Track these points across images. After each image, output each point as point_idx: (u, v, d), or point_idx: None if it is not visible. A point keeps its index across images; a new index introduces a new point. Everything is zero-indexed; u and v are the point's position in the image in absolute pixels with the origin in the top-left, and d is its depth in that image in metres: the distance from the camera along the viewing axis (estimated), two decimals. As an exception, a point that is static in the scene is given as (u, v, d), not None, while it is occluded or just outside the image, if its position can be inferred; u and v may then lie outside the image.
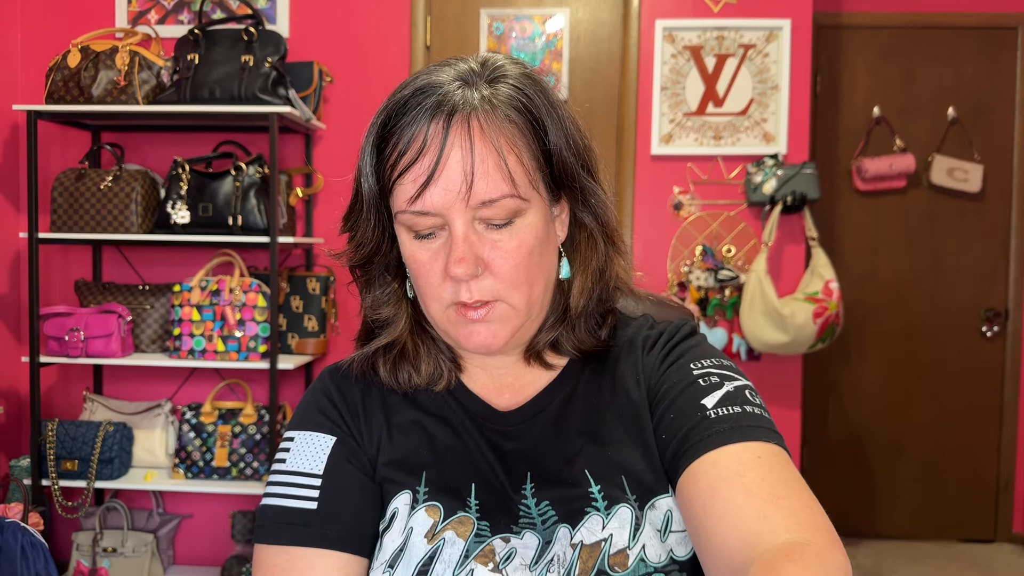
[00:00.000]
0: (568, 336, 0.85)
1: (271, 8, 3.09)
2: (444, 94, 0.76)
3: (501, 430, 0.84)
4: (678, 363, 0.82)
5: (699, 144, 3.12)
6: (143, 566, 2.88)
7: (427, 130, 0.75)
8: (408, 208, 0.76)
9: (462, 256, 0.75)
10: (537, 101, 0.78)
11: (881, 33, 3.56)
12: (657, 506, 0.78)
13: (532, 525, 0.78)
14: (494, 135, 0.75)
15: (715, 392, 0.77)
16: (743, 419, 0.74)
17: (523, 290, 0.79)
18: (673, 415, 0.77)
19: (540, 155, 0.78)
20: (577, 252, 0.85)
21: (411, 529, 0.78)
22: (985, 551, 3.57)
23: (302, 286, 2.94)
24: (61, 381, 3.20)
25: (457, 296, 0.78)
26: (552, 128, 0.78)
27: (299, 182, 3.07)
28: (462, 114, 0.75)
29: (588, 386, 0.85)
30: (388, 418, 0.85)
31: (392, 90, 0.81)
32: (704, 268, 3.09)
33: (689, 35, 3.11)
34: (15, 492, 2.86)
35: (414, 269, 0.80)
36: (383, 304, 0.86)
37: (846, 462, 3.65)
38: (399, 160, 0.76)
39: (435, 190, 0.75)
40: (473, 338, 0.79)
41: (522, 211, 0.77)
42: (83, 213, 2.78)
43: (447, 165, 0.74)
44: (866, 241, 3.62)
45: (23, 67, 3.16)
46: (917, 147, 3.55)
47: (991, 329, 3.60)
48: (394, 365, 0.85)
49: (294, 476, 0.81)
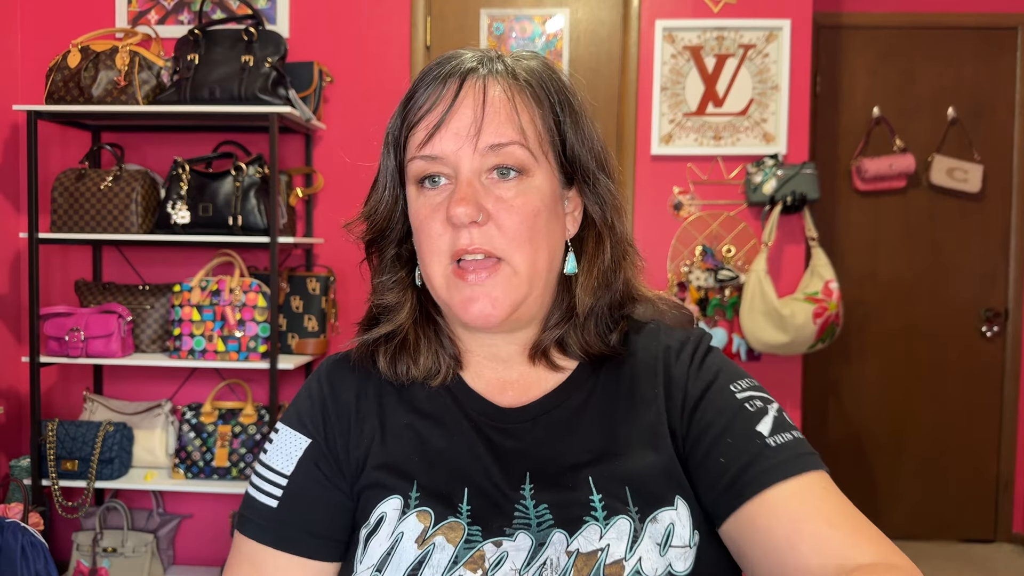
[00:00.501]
0: (575, 336, 0.85)
1: (271, 8, 3.09)
2: (462, 61, 0.81)
3: (501, 427, 0.83)
4: (716, 384, 0.82)
5: (699, 144, 3.12)
6: (143, 566, 2.88)
7: (443, 86, 0.79)
8: (418, 153, 0.79)
9: (463, 196, 0.77)
10: (555, 82, 0.82)
11: (881, 33, 3.56)
12: (659, 519, 0.77)
13: (527, 526, 0.77)
14: (507, 91, 0.79)
15: (765, 418, 0.79)
16: (798, 447, 0.77)
17: (526, 252, 0.79)
18: (730, 440, 0.78)
19: (551, 127, 0.81)
20: (585, 250, 0.86)
21: (401, 534, 0.78)
22: (985, 551, 3.57)
23: (302, 286, 2.94)
24: (61, 381, 3.20)
25: (456, 243, 0.78)
26: (566, 109, 0.82)
27: (299, 182, 3.07)
28: (478, 74, 0.79)
29: (602, 394, 0.84)
30: (382, 420, 0.84)
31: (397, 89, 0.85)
32: (704, 268, 3.09)
33: (689, 35, 3.11)
34: (15, 492, 2.86)
35: (418, 226, 0.81)
36: (388, 289, 0.86)
37: (846, 462, 3.65)
38: (415, 114, 0.80)
39: (445, 134, 0.78)
40: (471, 307, 0.79)
41: (530, 169, 0.79)
42: (83, 213, 2.78)
43: (458, 111, 0.78)
44: (866, 241, 3.62)
45: (23, 67, 3.16)
46: (917, 147, 3.55)
47: (991, 329, 3.60)
48: (394, 356, 0.85)
49: (267, 471, 0.84)
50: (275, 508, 0.82)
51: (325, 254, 3.13)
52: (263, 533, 0.81)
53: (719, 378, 0.83)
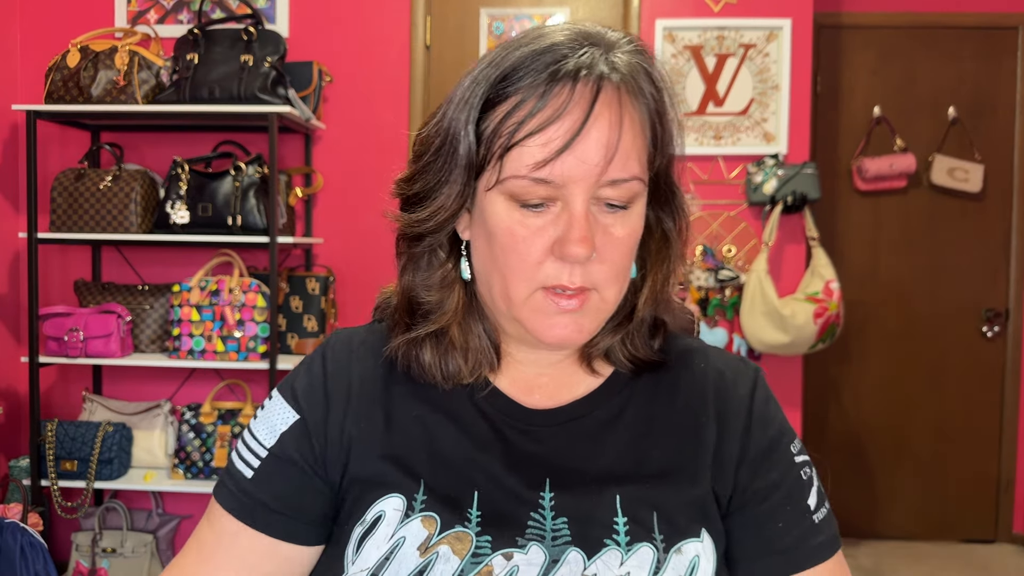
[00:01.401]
0: (625, 342, 0.80)
1: (271, 8, 3.09)
2: (584, 57, 0.69)
3: (524, 429, 0.77)
4: (783, 444, 0.79)
5: (699, 144, 3.12)
6: (142, 566, 2.88)
7: (571, 91, 0.67)
8: (529, 174, 0.68)
9: (584, 236, 0.68)
10: (662, 83, 0.73)
11: (881, 33, 3.56)
12: (684, 551, 0.72)
13: (540, 538, 0.72)
14: (635, 111, 0.70)
15: (812, 489, 0.79)
16: (831, 524, 0.79)
17: (619, 284, 0.73)
18: (790, 508, 0.77)
19: (652, 146, 0.73)
20: (649, 255, 0.80)
21: (403, 539, 0.72)
22: (985, 551, 3.56)
23: (301, 286, 2.94)
24: (60, 381, 3.20)
25: (558, 279, 0.70)
26: (665, 118, 0.73)
27: (299, 182, 3.07)
28: (610, 82, 0.69)
29: (639, 405, 0.79)
30: (388, 409, 0.78)
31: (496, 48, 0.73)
32: (704, 268, 3.09)
33: (689, 35, 3.10)
34: (14, 492, 2.86)
35: (506, 243, 0.71)
36: (433, 287, 0.78)
37: (846, 462, 3.64)
38: (528, 119, 0.68)
39: (568, 159, 0.67)
40: (555, 330, 0.72)
41: (639, 197, 0.72)
42: (82, 213, 2.77)
43: (589, 134, 0.67)
44: (866, 241, 3.61)
45: (22, 67, 3.16)
46: (917, 147, 3.55)
47: (991, 329, 3.60)
48: (444, 355, 0.78)
49: (251, 439, 0.79)
50: (249, 479, 0.77)
51: (325, 254, 3.13)
52: (233, 502, 0.77)
53: (784, 436, 0.80)
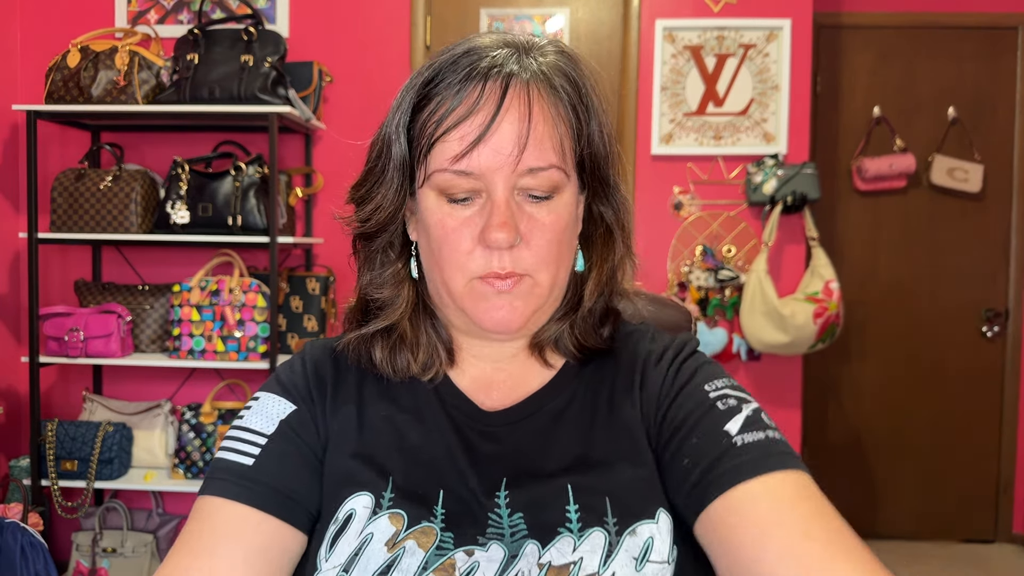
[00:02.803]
0: (571, 333, 0.83)
1: (271, 8, 3.09)
2: (497, 58, 0.74)
3: (482, 430, 0.80)
4: (691, 384, 0.79)
5: (699, 144, 3.12)
6: (143, 566, 2.88)
7: (482, 88, 0.73)
8: (450, 167, 0.74)
9: (504, 221, 0.73)
10: (582, 80, 0.78)
11: (881, 33, 3.56)
12: (638, 532, 0.73)
13: (500, 536, 0.74)
14: (549, 105, 0.74)
15: (736, 416, 0.74)
16: (770, 446, 0.72)
17: (552, 269, 0.77)
18: (696, 439, 0.74)
19: (582, 136, 0.77)
20: (593, 247, 0.84)
21: (371, 535, 0.74)
22: (985, 552, 3.56)
23: (302, 286, 2.94)
24: (61, 381, 3.20)
25: (488, 267, 0.75)
26: (592, 110, 0.78)
27: (299, 182, 3.07)
28: (520, 80, 0.74)
29: (584, 397, 0.82)
30: (360, 409, 0.81)
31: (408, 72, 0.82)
32: (704, 268, 3.09)
33: (689, 35, 3.10)
34: (15, 492, 2.86)
35: (438, 235, 0.76)
36: (384, 284, 0.82)
37: (846, 462, 3.64)
38: (446, 116, 0.73)
39: (484, 150, 0.73)
40: (493, 314, 0.76)
41: (562, 187, 0.76)
42: (83, 213, 2.77)
43: (500, 126, 0.72)
44: (866, 241, 3.61)
45: (23, 67, 3.16)
46: (917, 147, 3.55)
47: (991, 329, 3.60)
48: (392, 350, 0.82)
49: (244, 432, 0.79)
50: (250, 466, 0.76)
51: (325, 254, 3.13)
52: (231, 489, 0.75)
53: (694, 378, 0.79)
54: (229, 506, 0.75)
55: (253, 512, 0.74)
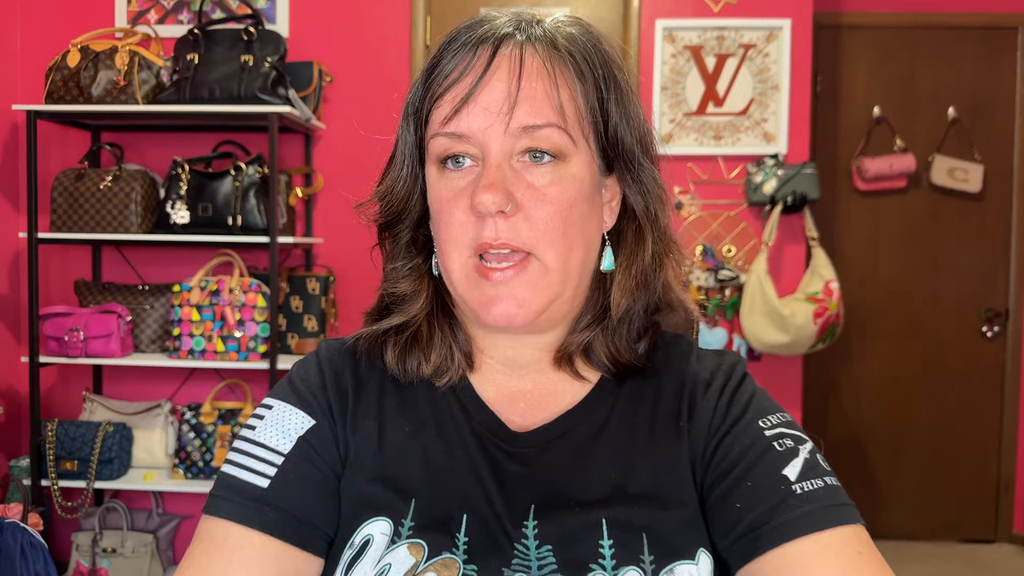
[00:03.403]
0: (603, 342, 0.76)
1: (271, 8, 3.09)
2: (496, 25, 0.72)
3: (509, 451, 0.74)
4: (744, 419, 0.73)
5: (699, 144, 3.12)
6: (143, 566, 2.88)
7: (474, 53, 0.71)
8: (441, 130, 0.71)
9: (491, 182, 0.68)
10: (600, 53, 0.73)
11: (881, 33, 3.56)
12: (675, 572, 0.68)
13: (526, 569, 0.69)
14: (547, 64, 0.71)
15: (794, 460, 0.69)
16: (829, 496, 0.67)
17: (559, 247, 0.70)
18: (751, 483, 0.69)
19: (595, 106, 0.72)
20: (623, 245, 0.77)
21: (389, 566, 0.69)
22: (985, 551, 3.57)
23: (302, 286, 2.94)
24: (61, 381, 3.20)
25: (480, 236, 0.69)
26: (611, 84, 0.73)
27: (299, 182, 3.07)
28: (513, 40, 0.71)
29: (623, 420, 0.76)
30: (381, 426, 0.76)
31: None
32: (704, 268, 3.09)
33: (689, 35, 3.11)
34: (15, 492, 2.86)
35: (439, 210, 0.72)
36: (402, 277, 0.78)
37: (846, 462, 3.64)
38: (440, 83, 0.71)
39: (473, 109, 0.69)
40: (495, 306, 0.70)
41: (567, 154, 0.71)
42: (83, 213, 2.77)
43: (489, 84, 0.69)
44: (866, 241, 3.61)
45: (23, 67, 3.16)
46: (917, 147, 3.55)
47: (991, 329, 3.60)
48: (404, 350, 0.77)
49: (257, 448, 0.73)
50: (265, 488, 0.70)
51: (325, 254, 3.13)
52: (242, 512, 0.69)
53: (747, 412, 0.73)
54: (243, 533, 0.69)
55: (270, 541, 0.69)
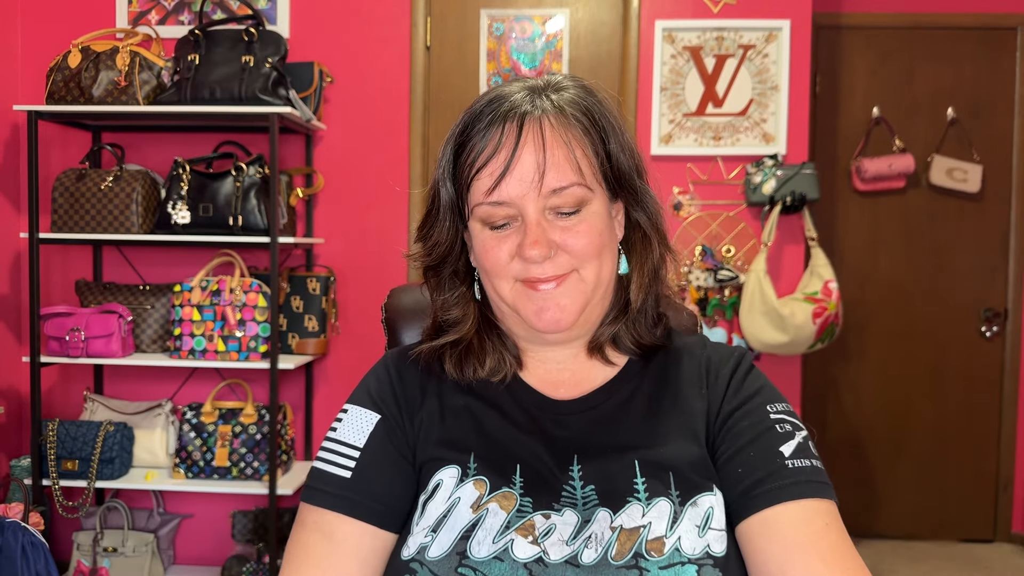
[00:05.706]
0: (628, 332, 0.94)
1: (271, 8, 3.10)
2: (515, 101, 0.87)
3: (553, 418, 0.90)
4: (754, 400, 0.89)
5: (699, 144, 3.12)
6: (143, 566, 2.89)
7: (502, 130, 0.85)
8: (485, 200, 0.86)
9: (536, 239, 0.85)
10: (596, 107, 0.89)
11: (881, 33, 3.56)
12: (699, 503, 0.83)
13: (573, 504, 0.83)
14: (562, 132, 0.86)
15: (790, 441, 0.85)
16: (813, 474, 0.83)
17: (594, 264, 0.88)
18: (753, 453, 0.85)
19: (602, 154, 0.88)
20: (633, 251, 0.94)
21: (458, 499, 0.84)
22: (985, 551, 3.57)
23: (302, 286, 2.95)
24: (61, 381, 3.20)
25: (528, 273, 0.86)
26: (610, 131, 0.89)
27: (299, 182, 3.07)
28: (533, 117, 0.86)
29: (650, 390, 0.92)
30: (442, 402, 0.92)
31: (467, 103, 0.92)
32: (704, 268, 3.09)
33: (689, 35, 3.11)
34: (15, 492, 2.86)
35: (482, 254, 0.89)
36: (452, 306, 0.95)
37: (846, 462, 3.65)
38: (477, 158, 0.86)
39: (510, 181, 0.85)
40: (544, 315, 0.87)
41: (588, 200, 0.87)
42: (83, 213, 2.78)
43: (521, 158, 0.84)
44: (866, 241, 3.62)
45: (23, 67, 3.17)
46: (917, 147, 3.55)
47: (991, 329, 3.61)
48: (460, 360, 0.93)
49: (339, 445, 0.90)
50: (348, 478, 0.87)
51: (325, 254, 3.13)
52: (335, 501, 0.86)
53: (757, 396, 0.90)
54: (336, 519, 0.86)
55: (357, 524, 0.86)
